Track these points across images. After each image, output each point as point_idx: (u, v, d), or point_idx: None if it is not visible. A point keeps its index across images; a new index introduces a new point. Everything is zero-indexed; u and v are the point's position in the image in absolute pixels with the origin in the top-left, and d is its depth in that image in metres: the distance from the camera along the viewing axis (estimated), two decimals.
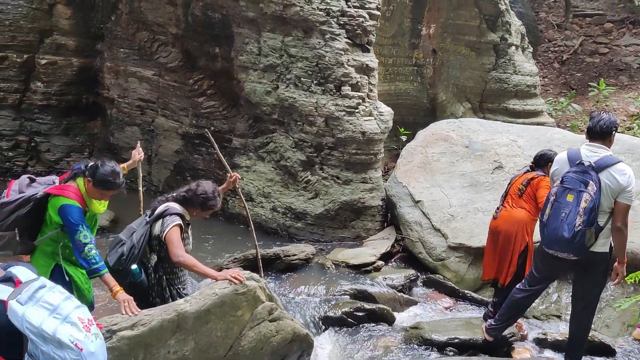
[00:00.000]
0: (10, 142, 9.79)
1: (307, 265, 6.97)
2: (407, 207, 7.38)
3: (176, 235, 4.14)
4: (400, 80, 10.70)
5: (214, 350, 4.01)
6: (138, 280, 4.16)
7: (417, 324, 5.85)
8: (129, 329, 3.62)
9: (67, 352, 2.60)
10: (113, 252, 4.23)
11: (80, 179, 4.10)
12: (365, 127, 7.54)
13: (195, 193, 4.38)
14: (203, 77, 8.99)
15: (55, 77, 9.78)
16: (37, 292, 2.66)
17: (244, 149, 8.50)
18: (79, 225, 3.92)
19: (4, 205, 3.94)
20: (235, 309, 4.09)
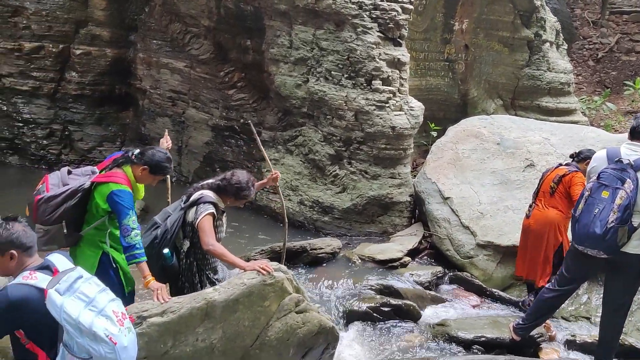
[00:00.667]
0: (45, 130, 9.99)
1: (333, 259, 6.98)
2: (436, 203, 7.33)
3: (208, 224, 4.18)
4: (432, 76, 10.59)
5: (241, 340, 4.04)
6: (169, 264, 4.23)
7: (444, 321, 5.81)
8: (158, 316, 3.66)
9: (101, 346, 2.62)
10: (147, 234, 4.30)
11: (127, 166, 4.15)
12: (395, 122, 7.49)
13: (229, 182, 4.43)
14: (234, 70, 9.04)
15: (90, 67, 9.94)
16: (75, 283, 2.68)
17: (272, 142, 8.53)
18: (129, 210, 3.96)
19: (51, 199, 3.93)
20: (262, 299, 4.11)
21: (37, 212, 3.92)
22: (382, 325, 5.82)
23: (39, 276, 2.70)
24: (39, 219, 3.94)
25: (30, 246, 2.80)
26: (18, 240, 2.77)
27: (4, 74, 9.75)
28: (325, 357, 4.81)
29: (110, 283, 4.14)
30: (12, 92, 9.86)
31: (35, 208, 3.92)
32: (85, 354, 2.61)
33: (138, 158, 4.16)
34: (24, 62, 9.74)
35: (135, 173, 4.17)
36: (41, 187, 4.02)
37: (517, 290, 6.74)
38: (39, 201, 3.91)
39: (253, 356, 4.13)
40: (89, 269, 4.04)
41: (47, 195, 3.93)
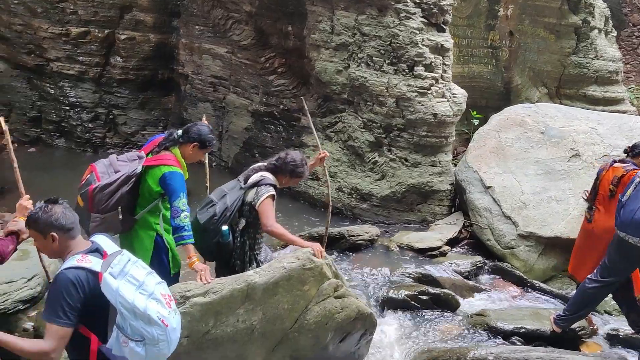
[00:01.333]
0: (90, 114, 10.22)
1: (371, 247, 6.97)
2: (477, 192, 7.22)
3: (269, 206, 4.30)
4: (474, 63, 10.40)
5: (280, 322, 4.08)
6: (226, 241, 4.31)
7: (483, 311, 5.75)
8: (201, 296, 3.73)
9: (154, 328, 2.66)
10: (204, 211, 4.39)
11: (174, 148, 4.22)
12: (438, 109, 7.39)
13: (284, 161, 4.54)
14: (274, 55, 9.05)
15: (134, 52, 10.10)
16: (125, 266, 2.71)
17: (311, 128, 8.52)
18: (180, 192, 4.04)
19: (105, 187, 3.99)
20: (302, 283, 4.14)
21: (92, 201, 3.99)
22: (420, 314, 5.79)
23: (92, 259, 2.73)
24: (94, 207, 4.01)
25: (71, 228, 2.82)
26: (57, 222, 2.79)
27: (52, 58, 9.99)
28: (363, 343, 4.83)
29: (162, 265, 4.25)
30: (60, 76, 10.10)
31: (90, 198, 3.98)
32: (138, 335, 2.65)
33: (185, 137, 4.24)
34: (71, 47, 9.96)
35: (185, 152, 4.26)
36: (90, 177, 4.07)
37: (559, 282, 6.64)
38: (94, 190, 3.97)
39: (292, 339, 4.17)
40: (146, 252, 4.18)
41: (100, 184, 3.98)
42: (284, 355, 4.19)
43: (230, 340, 3.86)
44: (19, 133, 10.29)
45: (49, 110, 10.28)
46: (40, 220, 2.81)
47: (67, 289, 2.64)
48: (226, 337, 3.84)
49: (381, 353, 5.20)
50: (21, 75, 10.25)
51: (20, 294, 4.66)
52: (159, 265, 4.24)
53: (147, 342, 2.67)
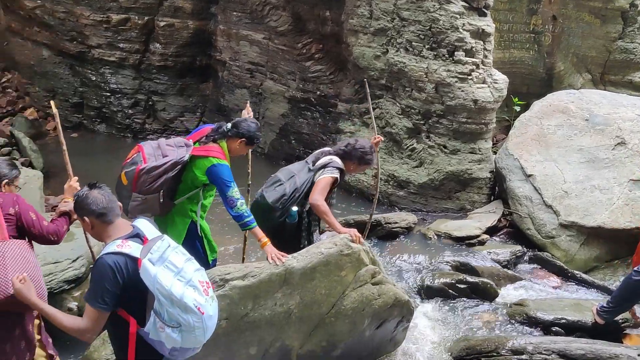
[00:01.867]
0: (130, 100, 10.38)
1: (408, 234, 6.94)
2: (518, 180, 7.08)
3: (325, 184, 4.37)
4: (516, 48, 10.16)
5: (317, 307, 4.09)
6: (293, 221, 4.42)
7: (522, 300, 5.66)
8: (240, 279, 3.76)
9: (190, 316, 2.68)
10: (271, 189, 4.49)
11: (222, 141, 4.27)
12: (478, 95, 7.25)
13: (354, 147, 4.59)
14: (312, 41, 9.01)
15: (172, 39, 10.19)
16: (165, 253, 2.73)
17: (348, 115, 8.49)
18: (231, 183, 4.10)
19: (152, 170, 4.04)
20: (339, 269, 4.14)
21: (137, 181, 4.05)
22: (457, 302, 5.76)
23: (132, 245, 2.76)
24: (138, 188, 4.07)
25: (102, 213, 2.84)
26: (89, 207, 2.84)
27: (93, 45, 10.17)
28: (400, 330, 4.82)
29: (195, 251, 4.31)
30: (101, 62, 10.28)
31: (135, 178, 4.04)
32: (174, 322, 2.68)
33: (233, 132, 4.29)
34: (112, 34, 10.11)
35: (231, 146, 4.31)
36: (137, 157, 4.13)
37: (601, 273, 6.48)
38: (140, 171, 4.03)
39: (328, 324, 4.18)
40: (177, 237, 4.23)
41: (148, 166, 4.04)
42: (320, 340, 4.21)
43: (268, 323, 3.89)
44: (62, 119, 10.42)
45: (90, 97, 10.48)
46: (76, 204, 2.91)
47: (106, 274, 2.68)
48: (264, 320, 3.87)
49: (418, 341, 5.18)
50: (64, 62, 10.47)
51: (65, 274, 4.82)
52: (191, 251, 4.28)
53: (183, 328, 2.69)
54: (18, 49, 10.85)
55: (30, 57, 10.69)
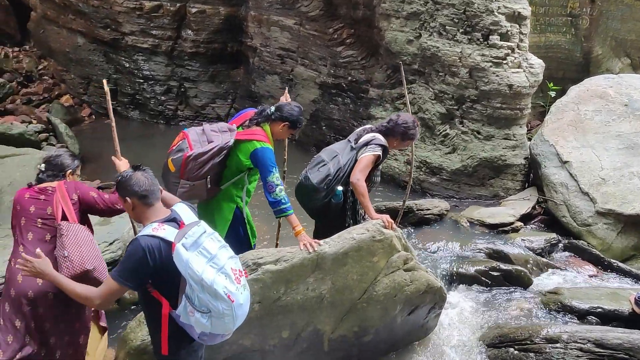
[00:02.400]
0: (163, 86, 10.49)
1: (440, 221, 6.87)
2: (553, 167, 6.94)
3: (367, 162, 4.37)
4: (552, 32, 9.93)
5: (349, 292, 4.09)
6: (338, 201, 4.42)
7: (557, 289, 5.57)
8: (272, 264, 3.78)
9: (220, 303, 2.70)
10: (315, 170, 4.50)
11: (265, 124, 4.28)
12: (513, 80, 7.10)
13: (396, 123, 4.56)
14: (343, 26, 8.94)
15: (204, 26, 10.24)
16: (200, 238, 2.74)
17: (380, 100, 8.42)
18: (273, 167, 4.10)
19: (199, 157, 4.06)
20: (371, 254, 4.13)
21: (185, 168, 4.07)
22: (490, 290, 5.69)
23: (167, 228, 2.79)
24: (185, 174, 4.09)
25: (144, 195, 2.89)
26: (131, 188, 2.89)
27: (126, 32, 10.28)
28: (431, 316, 4.79)
29: (238, 236, 4.34)
30: (134, 49, 10.39)
31: (183, 164, 4.06)
32: (204, 307, 2.70)
33: (277, 115, 4.29)
34: (144, 21, 10.21)
35: (274, 130, 4.31)
36: (182, 144, 4.13)
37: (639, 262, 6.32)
38: (188, 158, 4.04)
39: (360, 309, 4.18)
40: (225, 223, 4.30)
41: (195, 152, 4.05)
42: (352, 325, 4.21)
43: (300, 307, 3.91)
44: (96, 106, 10.72)
45: (124, 83, 10.63)
46: (120, 185, 2.94)
47: (136, 254, 2.74)
48: (296, 305, 3.88)
49: (450, 327, 5.14)
50: (98, 49, 10.62)
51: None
52: (235, 236, 4.35)
53: (213, 315, 2.71)
54: (54, 37, 11.05)
55: (66, 44, 10.88)
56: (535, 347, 4.60)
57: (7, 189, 6.05)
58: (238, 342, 3.81)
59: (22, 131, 8.38)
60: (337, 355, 4.31)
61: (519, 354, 4.65)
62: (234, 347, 3.82)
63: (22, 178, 6.16)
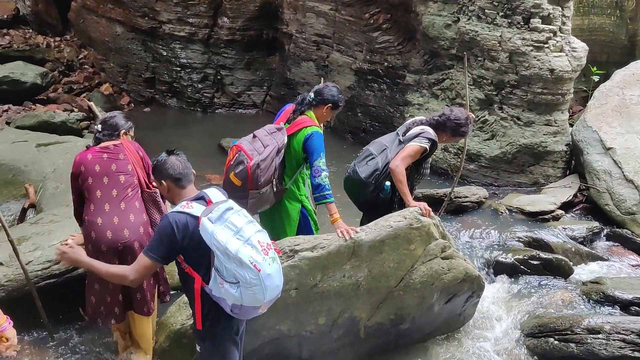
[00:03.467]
0: (199, 74, 10.58)
1: (478, 209, 6.76)
2: (596, 154, 6.75)
3: (411, 152, 4.34)
4: (596, 14, 9.60)
5: (386, 280, 4.08)
6: (386, 195, 4.42)
7: (599, 278, 5.44)
8: (309, 251, 3.78)
9: (246, 271, 2.76)
10: (363, 163, 4.51)
11: (309, 111, 4.32)
12: (555, 64, 6.91)
13: (448, 118, 4.51)
14: (379, 11, 8.84)
15: (240, 13, 10.27)
16: (225, 213, 2.84)
17: (417, 86, 8.31)
18: (321, 152, 4.15)
19: (261, 163, 4.06)
20: (408, 242, 4.10)
21: (252, 179, 4.07)
22: (529, 279, 5.61)
23: (195, 205, 2.92)
24: (253, 184, 4.09)
25: (178, 178, 3.05)
26: (167, 171, 3.06)
27: (164, 20, 10.38)
28: (469, 305, 4.74)
29: (309, 232, 4.39)
30: (171, 37, 10.49)
31: (250, 175, 4.06)
32: (233, 278, 2.78)
33: (318, 100, 4.32)
34: (181, 9, 10.29)
35: (318, 114, 4.35)
36: (239, 156, 4.12)
37: None
38: (252, 168, 4.05)
39: (397, 297, 4.17)
40: (293, 222, 4.39)
41: (257, 160, 4.05)
42: (389, 313, 4.20)
43: (337, 294, 3.91)
44: (135, 94, 10.88)
45: (161, 72, 10.75)
46: (155, 168, 3.12)
47: (165, 229, 2.89)
48: (332, 291, 3.89)
49: (488, 316, 5.08)
50: (136, 38, 10.76)
51: None
52: (306, 233, 4.40)
53: (241, 285, 2.78)
54: (93, 26, 11.24)
55: (105, 33, 11.05)
56: (576, 338, 4.52)
57: (50, 175, 6.20)
58: (275, 327, 3.85)
59: (65, 119, 8.58)
60: (374, 342, 4.31)
61: (559, 344, 4.57)
62: (272, 332, 3.86)
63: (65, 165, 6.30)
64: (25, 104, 9.68)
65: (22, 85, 9.78)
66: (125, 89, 11.04)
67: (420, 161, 4.48)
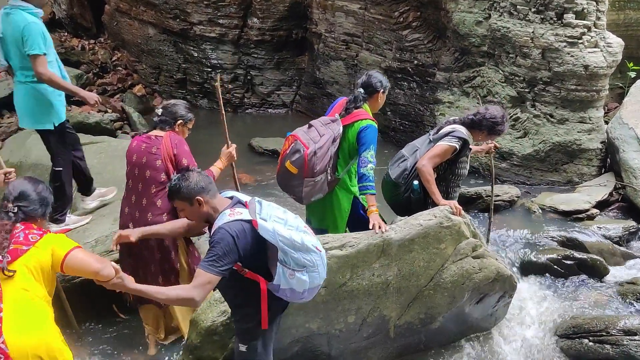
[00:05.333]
0: (230, 75, 10.65)
1: (510, 208, 6.68)
2: (633, 151, 6.58)
3: (439, 152, 4.32)
4: (632, 9, 9.34)
5: (416, 279, 4.05)
6: (417, 196, 4.41)
7: (635, 279, 5.34)
8: (338, 249, 3.79)
9: (312, 255, 2.96)
10: (395, 166, 4.55)
11: (364, 104, 4.34)
12: (589, 60, 6.76)
13: (484, 117, 4.46)
14: (409, 9, 8.78)
15: (270, 13, 10.31)
16: (268, 210, 2.95)
17: (447, 84, 8.23)
18: (371, 145, 4.18)
19: (318, 151, 4.11)
20: (438, 241, 4.07)
21: (308, 167, 4.12)
22: (563, 280, 5.51)
23: (241, 211, 2.95)
24: (309, 172, 4.14)
25: (210, 189, 3.06)
26: (198, 185, 3.02)
27: (195, 22, 10.49)
28: (501, 305, 4.68)
29: (361, 221, 4.38)
30: (202, 39, 10.60)
31: (306, 163, 4.11)
32: (300, 266, 2.93)
33: (369, 91, 4.35)
34: (212, 10, 10.38)
35: (373, 104, 4.41)
36: (296, 145, 4.17)
37: None
38: (309, 155, 4.11)
39: (427, 296, 4.14)
40: (344, 213, 4.44)
41: (313, 148, 4.11)
42: (419, 312, 4.18)
43: (366, 293, 3.91)
44: (167, 95, 11.03)
45: (193, 73, 10.87)
46: (183, 189, 3.03)
47: (226, 240, 2.86)
48: (362, 290, 3.89)
49: (520, 317, 5.01)
50: (168, 40, 10.90)
51: None
52: (358, 222, 4.44)
53: (309, 269, 2.95)
54: (126, 29, 11.44)
55: (138, 35, 11.23)
56: (612, 339, 4.43)
57: None
58: (305, 325, 3.86)
59: (99, 120, 8.74)
60: (404, 341, 4.29)
61: (593, 345, 4.49)
62: (301, 330, 3.87)
63: (99, 165, 6.43)
64: None
65: None
66: (157, 90, 11.20)
67: (453, 160, 4.43)
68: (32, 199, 3.00)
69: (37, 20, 4.69)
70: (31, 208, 2.99)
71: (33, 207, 3.00)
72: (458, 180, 4.59)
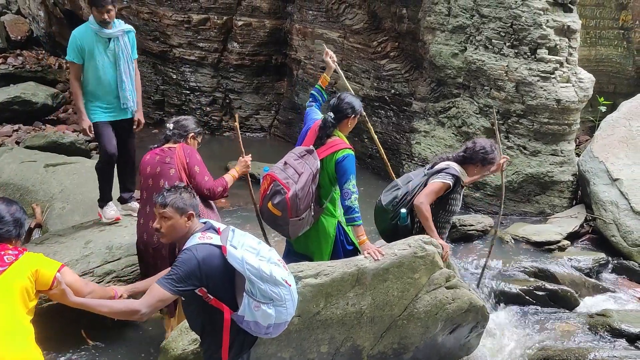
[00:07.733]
0: (208, 97, 10.67)
1: (483, 237, 6.73)
2: (603, 184, 6.73)
3: (434, 189, 4.36)
4: (603, 45, 9.67)
5: (390, 309, 4.05)
6: (403, 223, 4.43)
7: (605, 311, 5.39)
8: (313, 277, 3.78)
9: (280, 289, 2.88)
10: (387, 193, 4.59)
11: (336, 131, 4.32)
12: (561, 95, 6.93)
13: (474, 150, 4.53)
14: (387, 39, 8.93)
15: (250, 38, 10.39)
16: (241, 239, 2.91)
17: (423, 113, 8.35)
18: (351, 175, 4.18)
19: (299, 192, 4.06)
20: (412, 271, 4.09)
21: (292, 209, 4.08)
22: (534, 310, 5.56)
23: (212, 235, 2.94)
24: (294, 213, 4.10)
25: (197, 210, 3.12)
26: (194, 202, 3.10)
27: (174, 44, 10.52)
28: (473, 335, 4.70)
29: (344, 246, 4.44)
30: (182, 61, 10.62)
31: (289, 207, 4.08)
32: (267, 298, 2.86)
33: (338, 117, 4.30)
34: (192, 34, 10.42)
35: (344, 129, 4.39)
36: (274, 186, 4.13)
37: None
38: (291, 199, 4.06)
39: (400, 326, 4.14)
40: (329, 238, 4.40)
41: (294, 190, 4.06)
42: (392, 342, 4.17)
43: (340, 322, 3.89)
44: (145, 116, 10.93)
45: (171, 94, 10.86)
46: (186, 198, 3.05)
47: (190, 262, 2.84)
48: (335, 319, 3.87)
49: (492, 348, 5.03)
50: (147, 61, 10.88)
51: None
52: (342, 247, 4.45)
53: (276, 303, 2.87)
54: None
55: None
56: None
57: (58, 196, 6.25)
58: (277, 354, 3.82)
59: (73, 140, 8.65)
60: None
61: None
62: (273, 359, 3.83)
63: (73, 185, 6.35)
64: (35, 124, 9.78)
65: (33, 106, 9.91)
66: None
67: (445, 197, 4.47)
68: (6, 221, 2.96)
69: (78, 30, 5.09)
70: (5, 230, 2.95)
71: (7, 228, 2.96)
72: (450, 216, 4.64)
